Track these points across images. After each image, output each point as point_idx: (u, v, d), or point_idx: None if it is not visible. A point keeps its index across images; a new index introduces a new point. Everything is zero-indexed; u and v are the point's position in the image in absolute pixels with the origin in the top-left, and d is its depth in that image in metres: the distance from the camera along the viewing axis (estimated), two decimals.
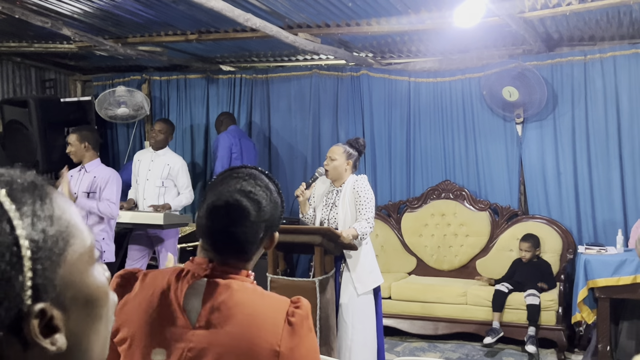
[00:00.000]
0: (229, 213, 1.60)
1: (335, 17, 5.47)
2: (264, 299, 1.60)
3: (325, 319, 4.33)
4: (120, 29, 6.04)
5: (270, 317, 1.55)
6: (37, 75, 7.81)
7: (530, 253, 6.12)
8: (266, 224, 1.64)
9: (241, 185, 1.63)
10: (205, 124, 7.78)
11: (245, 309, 1.55)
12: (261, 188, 1.66)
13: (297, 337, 1.54)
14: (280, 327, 1.53)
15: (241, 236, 1.60)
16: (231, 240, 1.60)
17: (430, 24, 5.50)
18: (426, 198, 6.94)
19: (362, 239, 4.52)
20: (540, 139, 6.53)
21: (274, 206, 1.68)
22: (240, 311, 1.55)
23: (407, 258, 6.92)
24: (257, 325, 1.53)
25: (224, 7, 4.60)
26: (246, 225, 1.60)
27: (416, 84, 7.02)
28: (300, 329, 1.55)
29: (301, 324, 1.56)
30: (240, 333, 1.53)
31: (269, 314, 1.56)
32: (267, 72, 7.61)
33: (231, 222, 1.60)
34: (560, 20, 5.63)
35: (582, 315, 5.55)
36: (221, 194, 1.62)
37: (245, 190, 1.62)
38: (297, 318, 1.56)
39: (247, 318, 1.54)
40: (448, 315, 6.13)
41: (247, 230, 1.60)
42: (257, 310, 1.56)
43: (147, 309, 1.59)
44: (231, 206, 1.60)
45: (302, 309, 1.58)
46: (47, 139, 6.74)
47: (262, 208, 1.63)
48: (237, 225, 1.59)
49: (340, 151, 4.67)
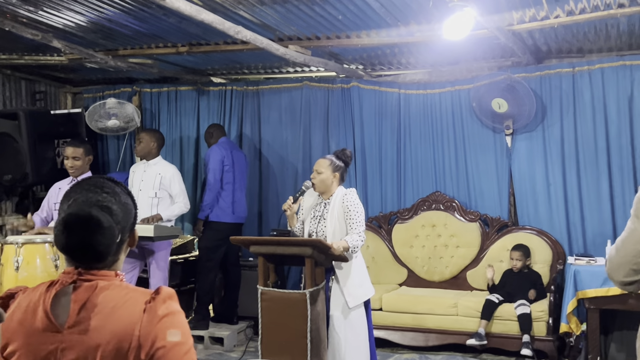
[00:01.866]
0: (81, 226, 1.66)
1: (325, 29, 5.50)
2: (128, 293, 1.68)
3: (316, 330, 4.32)
4: (110, 42, 6.05)
5: (130, 307, 1.63)
6: (27, 88, 7.80)
7: (521, 262, 6.14)
8: (121, 227, 1.72)
9: (88, 197, 1.70)
10: (196, 136, 7.78)
11: (110, 302, 1.64)
12: (108, 194, 1.73)
13: (155, 318, 1.61)
14: (140, 314, 1.62)
15: (98, 246, 1.67)
16: (88, 250, 1.67)
17: (419, 36, 5.53)
18: (417, 209, 6.96)
19: (354, 252, 4.51)
20: (529, 150, 6.57)
21: (125, 208, 1.75)
22: (105, 305, 1.64)
23: (398, 269, 6.93)
24: (119, 316, 1.62)
25: (214, 20, 4.62)
26: (101, 234, 1.67)
27: (406, 95, 7.05)
28: (157, 310, 1.62)
29: (159, 307, 1.63)
30: (104, 326, 1.61)
31: (130, 304, 1.64)
32: (257, 84, 7.63)
33: (85, 234, 1.66)
34: (549, 33, 5.68)
35: (570, 326, 5.57)
36: (70, 208, 1.70)
37: (93, 201, 1.69)
38: (154, 303, 1.64)
39: (110, 311, 1.63)
40: (439, 327, 6.14)
41: (102, 238, 1.67)
42: (120, 302, 1.64)
43: (23, 321, 1.68)
44: (82, 219, 1.66)
45: (160, 294, 1.66)
46: (37, 152, 6.72)
47: (114, 213, 1.70)
48: (91, 236, 1.66)
49: (326, 164, 4.68)
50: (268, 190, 7.56)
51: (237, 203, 6.77)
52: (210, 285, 6.69)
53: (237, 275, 6.95)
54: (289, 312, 4.35)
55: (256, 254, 4.58)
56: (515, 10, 4.94)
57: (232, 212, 6.71)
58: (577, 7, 4.84)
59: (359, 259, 4.67)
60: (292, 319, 4.33)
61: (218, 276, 6.92)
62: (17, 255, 4.62)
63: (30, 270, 4.65)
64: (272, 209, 7.45)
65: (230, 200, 6.70)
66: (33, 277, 4.64)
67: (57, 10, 5.03)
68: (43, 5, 4.89)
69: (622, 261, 2.06)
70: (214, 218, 6.64)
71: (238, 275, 6.95)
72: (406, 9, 4.88)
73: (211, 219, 6.63)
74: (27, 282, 4.58)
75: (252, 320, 6.70)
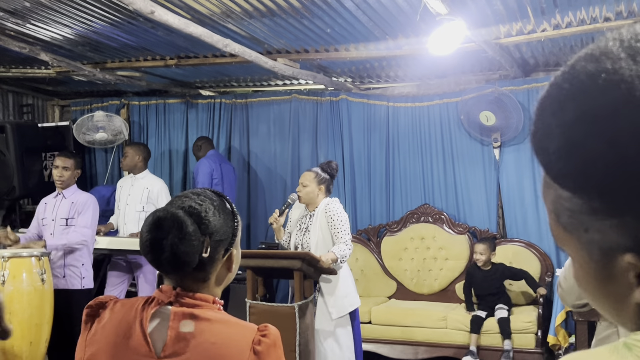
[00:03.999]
0: (163, 225, 1.54)
1: (314, 42, 5.51)
2: (230, 328, 1.57)
3: (305, 344, 4.30)
4: (98, 54, 6.03)
5: (235, 346, 1.52)
6: (14, 100, 7.76)
7: (485, 256, 6.05)
8: (213, 238, 1.59)
9: (181, 202, 1.61)
10: (185, 149, 7.77)
11: (210, 337, 1.53)
12: (204, 202, 1.61)
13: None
14: (246, 356, 1.51)
15: (179, 248, 1.53)
16: (164, 253, 1.54)
17: (407, 49, 5.56)
18: (405, 222, 6.96)
19: (342, 262, 4.52)
20: (517, 163, 6.59)
21: (221, 220, 1.62)
22: (205, 340, 1.52)
23: (387, 282, 6.92)
24: (222, 354, 1.51)
25: (202, 33, 4.62)
26: (183, 237, 1.53)
27: (395, 108, 7.07)
28: (266, 358, 1.53)
29: (268, 352, 1.53)
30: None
31: (234, 342, 1.53)
32: (246, 96, 7.63)
33: (166, 233, 1.54)
34: (536, 46, 5.72)
35: (559, 338, 5.57)
36: (158, 210, 1.60)
37: (184, 205, 1.59)
38: (263, 347, 1.53)
39: (212, 347, 1.51)
40: (428, 340, 6.12)
41: (185, 242, 1.53)
42: (222, 339, 1.53)
43: (115, 338, 1.57)
44: (165, 219, 1.55)
45: (269, 337, 1.55)
46: (24, 165, 6.67)
47: (203, 220, 1.57)
48: (174, 237, 1.53)
49: (311, 177, 4.69)
50: (257, 202, 7.54)
51: None
52: None
53: (225, 288, 6.90)
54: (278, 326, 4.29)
55: (244, 267, 4.57)
56: (503, 24, 4.97)
57: None
58: (563, 20, 4.88)
59: (344, 269, 4.67)
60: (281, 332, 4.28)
61: None
62: (3, 269, 4.58)
63: (16, 284, 4.61)
64: (260, 221, 7.43)
65: None
66: (19, 291, 4.60)
67: (45, 23, 5.02)
68: (31, 18, 4.88)
69: (572, 285, 2.03)
70: None
71: (226, 288, 6.90)
72: (394, 23, 4.91)
73: None
74: (13, 297, 4.54)
75: None
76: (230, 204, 1.69)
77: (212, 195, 1.66)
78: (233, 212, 1.67)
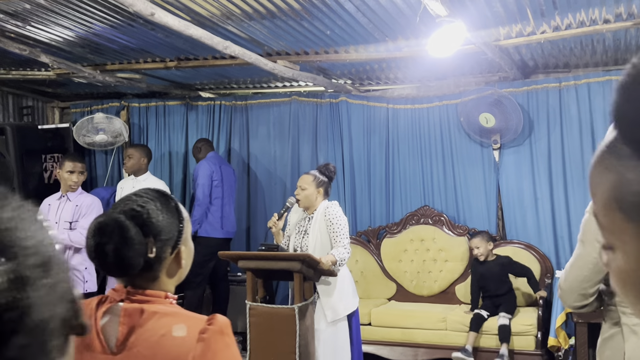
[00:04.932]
0: (105, 231, 1.60)
1: (313, 44, 5.52)
2: (179, 320, 1.61)
3: (305, 346, 4.31)
4: (98, 56, 6.04)
5: (182, 336, 1.56)
6: (14, 102, 7.76)
7: (483, 248, 6.05)
8: (158, 238, 1.63)
9: (123, 205, 1.65)
10: (184, 151, 7.77)
11: (159, 330, 1.58)
12: (147, 204, 1.65)
13: (210, 353, 1.54)
14: (193, 345, 1.54)
15: (122, 252, 1.58)
16: (112, 258, 1.59)
17: (407, 51, 5.56)
18: (405, 223, 6.96)
19: (341, 265, 4.52)
20: (517, 165, 6.60)
21: (166, 219, 1.66)
22: (154, 333, 1.58)
23: (387, 284, 6.92)
24: (170, 345, 1.55)
25: (202, 35, 4.62)
26: (125, 241, 1.58)
27: (394, 110, 7.08)
28: (213, 344, 1.55)
29: (214, 339, 1.56)
30: (154, 355, 1.55)
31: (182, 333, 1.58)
32: (246, 98, 7.63)
33: (108, 239, 1.59)
34: (535, 48, 5.72)
35: (559, 340, 5.57)
36: (100, 216, 1.66)
37: (125, 209, 1.64)
38: (209, 334, 1.56)
39: (161, 339, 1.57)
40: (428, 341, 6.12)
41: (127, 246, 1.58)
42: (170, 330, 1.58)
43: None
44: (107, 224, 1.60)
45: (214, 325, 1.58)
46: (25, 167, 6.68)
47: (146, 222, 1.62)
48: (116, 242, 1.58)
49: (309, 180, 4.70)
50: (256, 204, 7.55)
51: (226, 218, 6.75)
52: (199, 300, 6.65)
53: (226, 290, 6.92)
54: (278, 328, 4.34)
55: (244, 268, 4.58)
56: (502, 26, 4.98)
57: (221, 227, 6.70)
58: (563, 22, 4.89)
59: (343, 271, 4.67)
60: (281, 334, 4.31)
61: (206, 291, 6.88)
62: None
63: None
64: (260, 223, 7.43)
65: (219, 215, 6.69)
66: None
67: (45, 25, 5.02)
68: (31, 20, 4.88)
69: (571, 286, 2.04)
70: (202, 233, 6.62)
71: (226, 290, 6.92)
72: (394, 25, 4.91)
73: (200, 234, 6.61)
74: None
75: (241, 336, 6.64)
76: (175, 202, 1.73)
77: (155, 196, 1.70)
78: (178, 211, 1.71)
